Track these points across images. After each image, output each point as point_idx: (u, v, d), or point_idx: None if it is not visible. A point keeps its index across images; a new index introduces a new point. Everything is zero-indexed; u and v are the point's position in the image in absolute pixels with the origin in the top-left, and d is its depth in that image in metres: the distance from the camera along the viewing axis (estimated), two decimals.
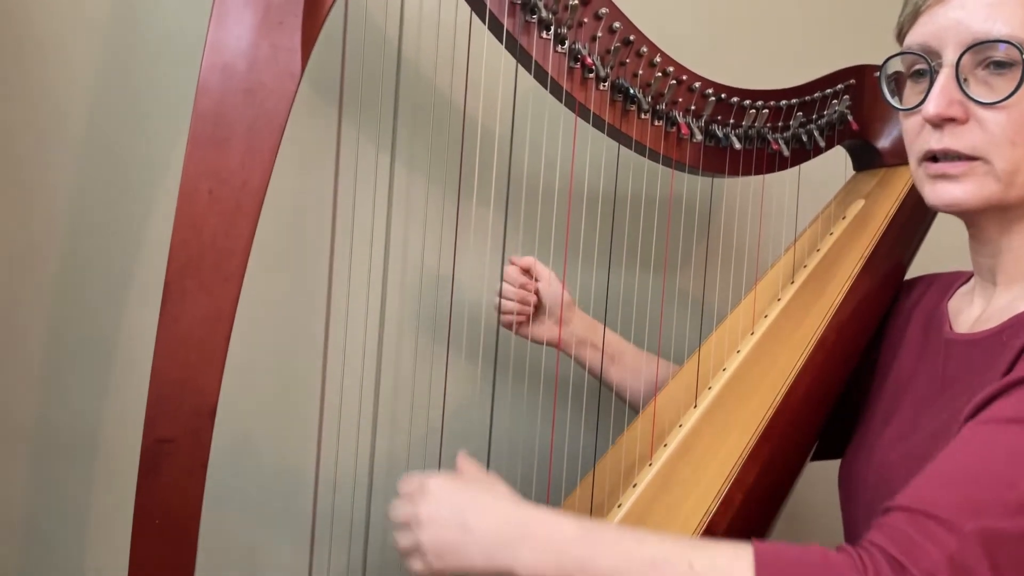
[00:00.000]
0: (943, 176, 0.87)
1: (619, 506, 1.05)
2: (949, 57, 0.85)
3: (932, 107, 0.84)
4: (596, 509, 1.07)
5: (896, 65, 0.92)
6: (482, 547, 0.77)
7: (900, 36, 0.92)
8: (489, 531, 0.78)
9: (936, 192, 0.88)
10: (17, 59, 1.17)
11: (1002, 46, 0.81)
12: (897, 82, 0.94)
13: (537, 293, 1.21)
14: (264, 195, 0.87)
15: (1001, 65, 0.82)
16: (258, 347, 1.28)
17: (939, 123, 0.85)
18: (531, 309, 1.22)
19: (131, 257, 1.24)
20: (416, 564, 0.80)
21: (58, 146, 1.20)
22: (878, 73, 0.94)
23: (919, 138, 0.89)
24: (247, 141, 0.87)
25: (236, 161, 0.86)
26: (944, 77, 0.85)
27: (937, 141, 0.86)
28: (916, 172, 0.91)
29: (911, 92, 0.91)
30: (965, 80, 0.84)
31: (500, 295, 1.22)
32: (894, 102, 0.93)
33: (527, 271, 1.21)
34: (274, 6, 0.87)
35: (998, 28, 0.81)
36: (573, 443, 1.33)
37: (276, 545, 1.31)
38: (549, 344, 1.25)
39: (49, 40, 1.18)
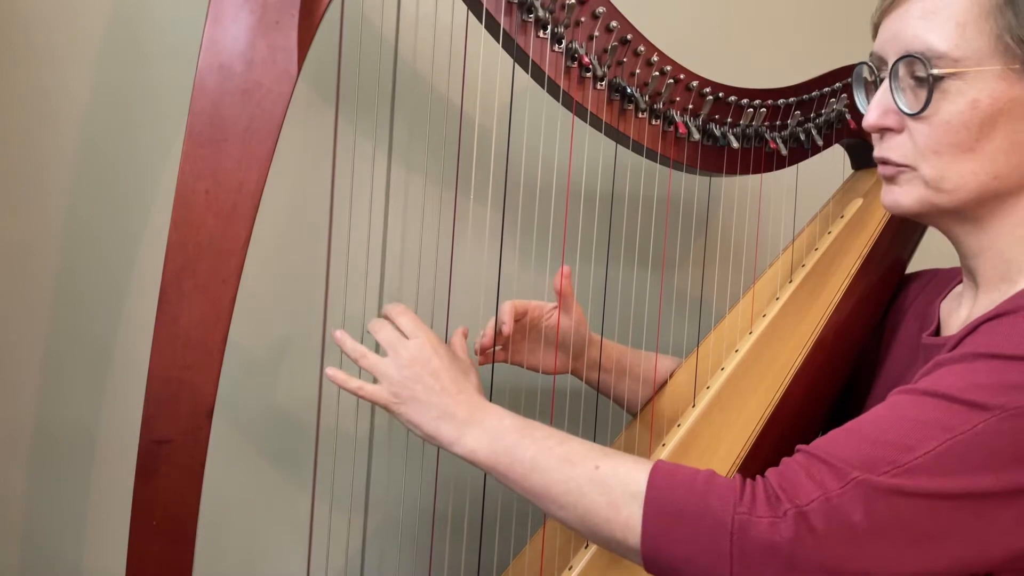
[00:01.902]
0: (885, 178, 0.90)
1: None
2: (889, 67, 0.87)
3: (868, 118, 0.88)
4: None
5: (865, 72, 0.95)
6: (437, 412, 0.90)
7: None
8: (448, 404, 0.90)
9: (883, 195, 0.91)
10: (14, 60, 1.17)
11: (918, 59, 0.83)
12: (866, 90, 0.96)
13: (560, 328, 1.15)
14: (261, 196, 0.87)
15: (922, 77, 0.84)
16: (255, 348, 1.28)
17: (877, 131, 0.89)
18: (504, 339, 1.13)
19: (128, 258, 1.24)
20: (380, 391, 0.93)
21: (55, 147, 1.20)
22: (851, 80, 0.97)
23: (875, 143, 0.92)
24: (244, 141, 0.87)
25: (233, 162, 0.86)
26: (883, 88, 0.87)
27: (877, 149, 0.90)
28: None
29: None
30: (902, 90, 0.86)
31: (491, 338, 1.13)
32: (862, 108, 0.95)
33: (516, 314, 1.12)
34: (270, 6, 0.87)
35: (929, 39, 0.83)
36: None
37: (274, 546, 1.31)
38: (560, 374, 1.19)
39: (46, 41, 1.18)
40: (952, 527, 0.72)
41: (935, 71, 0.82)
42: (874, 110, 0.88)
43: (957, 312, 0.95)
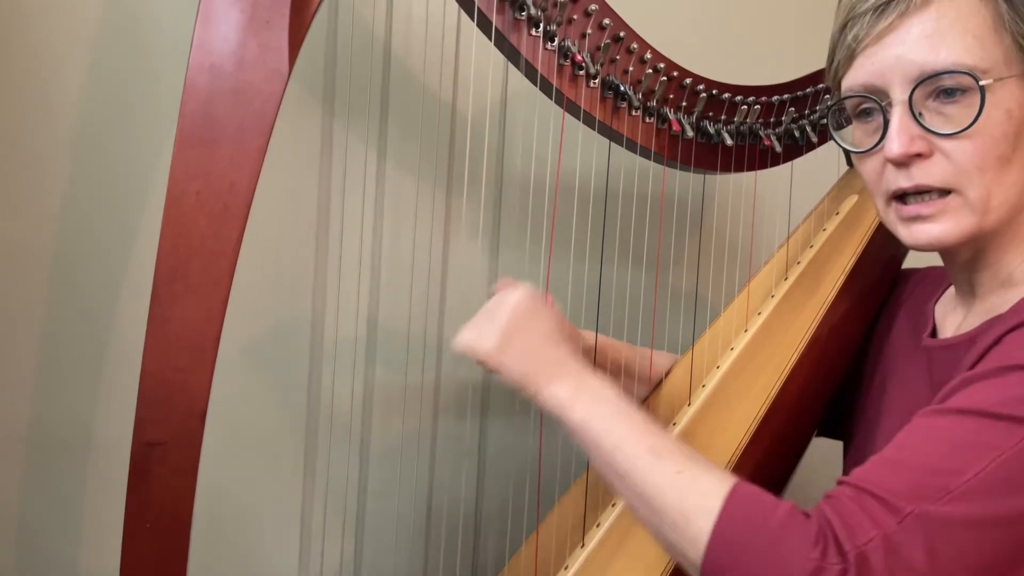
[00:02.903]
0: (917, 218, 0.86)
1: (613, 505, 1.05)
2: (898, 95, 0.83)
3: (896, 147, 0.83)
4: (591, 508, 1.07)
5: (863, 104, 0.89)
6: (536, 360, 0.89)
7: (835, 80, 0.91)
8: (547, 352, 0.89)
9: (913, 234, 0.87)
10: (6, 61, 1.17)
11: (949, 76, 0.81)
12: (836, 120, 0.93)
13: None
14: (252, 196, 0.87)
15: (951, 93, 0.81)
16: (248, 348, 1.28)
17: (905, 161, 0.84)
18: None
19: (122, 258, 1.23)
20: (478, 338, 0.92)
21: (47, 148, 1.19)
22: (826, 120, 0.94)
23: (883, 179, 0.87)
24: (235, 142, 0.86)
25: (224, 162, 0.86)
26: (899, 115, 0.83)
27: (907, 179, 0.85)
28: (885, 214, 0.90)
29: (862, 133, 0.90)
30: (920, 114, 0.83)
31: None
32: (846, 146, 0.92)
33: None
34: (261, 5, 0.86)
35: (943, 57, 0.81)
36: (567, 443, 1.32)
37: (267, 547, 1.31)
38: None
39: (39, 41, 1.18)
40: (1008, 549, 0.70)
41: (983, 82, 0.80)
42: (901, 138, 0.83)
43: (953, 314, 0.95)
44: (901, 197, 0.86)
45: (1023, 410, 0.71)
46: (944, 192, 0.84)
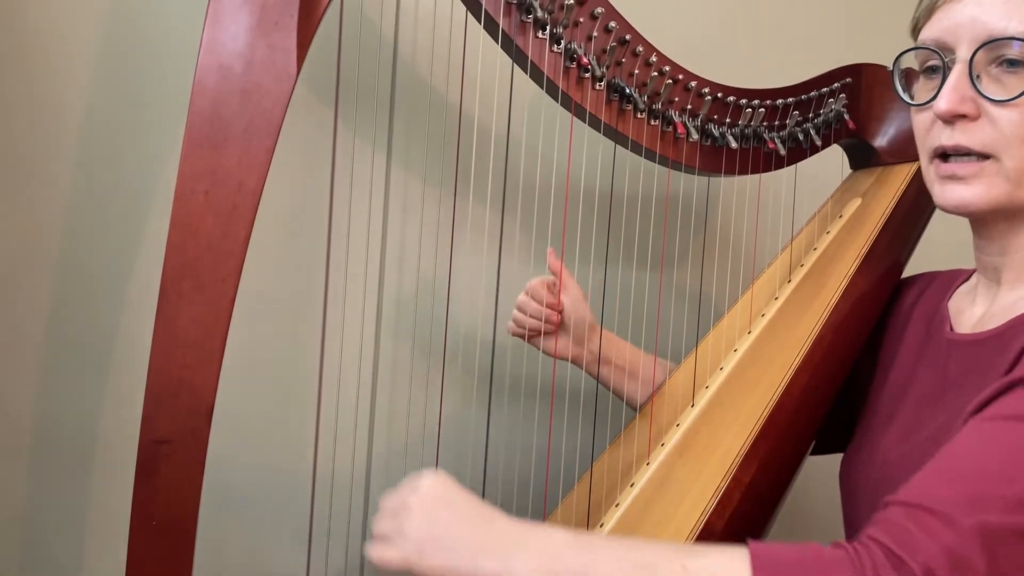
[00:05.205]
0: (952, 177, 0.86)
1: (616, 506, 1.05)
2: (963, 53, 0.84)
3: (944, 103, 0.84)
4: (594, 508, 1.07)
5: (909, 60, 0.92)
6: (471, 548, 0.75)
7: (915, 31, 0.92)
8: (482, 533, 0.76)
9: (945, 194, 0.87)
10: (14, 62, 1.17)
11: (1016, 44, 0.81)
12: (907, 77, 0.93)
13: (561, 311, 1.17)
14: (260, 196, 0.87)
15: (1015, 63, 0.82)
16: (255, 348, 1.28)
17: (950, 119, 0.85)
18: (549, 326, 1.17)
19: (129, 258, 1.24)
20: (390, 551, 0.78)
21: (55, 148, 1.20)
22: (891, 67, 0.93)
23: (930, 134, 0.88)
24: (243, 142, 0.86)
25: (232, 162, 0.86)
26: (957, 73, 0.84)
27: (948, 137, 0.85)
28: (927, 170, 0.90)
29: (923, 88, 0.90)
30: (978, 77, 0.83)
31: (519, 307, 1.18)
32: (905, 97, 0.92)
33: (551, 287, 1.17)
34: (270, 6, 0.87)
35: (1014, 26, 0.81)
36: (570, 444, 1.33)
37: (273, 546, 1.31)
38: (561, 359, 1.22)
39: (47, 42, 1.18)
40: None
41: None
42: (951, 95, 0.84)
43: (970, 309, 0.94)
44: (943, 156, 0.87)
45: None
46: (983, 157, 0.84)
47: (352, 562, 1.34)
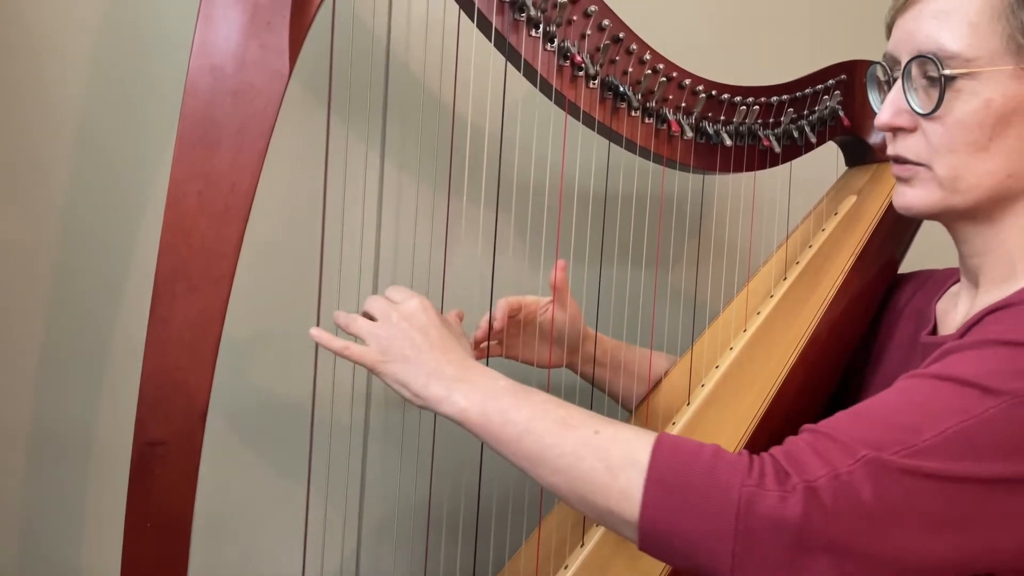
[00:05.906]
0: (899, 179, 0.91)
1: None
2: (902, 67, 0.87)
3: (882, 116, 0.89)
4: None
5: (879, 72, 0.96)
6: (426, 370, 0.87)
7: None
8: (438, 361, 0.87)
9: (895, 195, 0.92)
10: (7, 61, 1.17)
11: (932, 59, 0.83)
12: (878, 87, 0.97)
13: (554, 322, 1.14)
14: (253, 197, 0.87)
15: (935, 77, 0.84)
16: (249, 349, 1.28)
17: (891, 131, 0.90)
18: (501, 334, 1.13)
19: (124, 259, 1.24)
20: (367, 351, 0.90)
21: (48, 149, 1.19)
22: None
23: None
24: (236, 143, 0.86)
25: (225, 163, 0.86)
26: (896, 87, 0.88)
27: (891, 147, 0.90)
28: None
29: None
30: (915, 90, 0.86)
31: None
32: (876, 107, 0.96)
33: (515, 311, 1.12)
34: (261, 6, 0.87)
35: (942, 39, 0.83)
36: None
37: (268, 548, 1.31)
38: (555, 367, 1.19)
39: (39, 42, 1.18)
40: (960, 513, 0.70)
41: (947, 71, 0.82)
42: (887, 109, 0.88)
43: (954, 311, 0.95)
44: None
45: (996, 382, 0.72)
46: (918, 164, 0.88)
47: (348, 562, 1.34)
